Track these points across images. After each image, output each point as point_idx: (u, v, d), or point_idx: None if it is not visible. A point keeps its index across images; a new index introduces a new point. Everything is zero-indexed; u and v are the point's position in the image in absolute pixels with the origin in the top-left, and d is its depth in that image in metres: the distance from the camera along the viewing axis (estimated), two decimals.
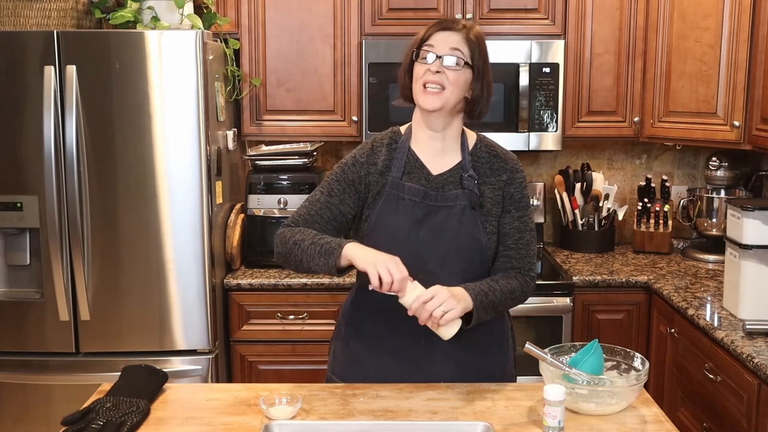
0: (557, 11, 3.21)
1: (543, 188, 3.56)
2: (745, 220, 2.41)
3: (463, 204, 1.89)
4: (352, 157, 1.96)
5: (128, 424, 1.67)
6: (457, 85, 1.85)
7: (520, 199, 1.94)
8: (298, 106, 3.27)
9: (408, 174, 1.91)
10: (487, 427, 1.69)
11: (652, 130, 3.25)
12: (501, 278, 1.90)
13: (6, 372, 2.82)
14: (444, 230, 1.88)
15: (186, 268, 2.78)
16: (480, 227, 1.89)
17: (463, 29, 1.87)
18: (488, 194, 1.91)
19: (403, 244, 1.86)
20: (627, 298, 3.04)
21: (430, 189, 1.90)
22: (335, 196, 1.92)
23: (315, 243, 1.82)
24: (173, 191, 2.75)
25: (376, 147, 1.96)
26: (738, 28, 2.88)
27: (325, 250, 1.79)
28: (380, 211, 1.91)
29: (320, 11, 3.21)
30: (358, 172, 1.93)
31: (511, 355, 2.05)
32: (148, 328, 2.80)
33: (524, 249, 1.94)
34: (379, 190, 1.91)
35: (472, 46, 1.86)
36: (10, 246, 2.81)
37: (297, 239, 1.86)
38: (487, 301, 1.82)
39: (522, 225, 1.94)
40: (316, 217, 1.92)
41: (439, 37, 1.85)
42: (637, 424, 1.71)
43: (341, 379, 1.99)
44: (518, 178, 1.95)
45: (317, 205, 1.93)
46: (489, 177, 1.93)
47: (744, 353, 2.17)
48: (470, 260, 1.90)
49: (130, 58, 2.68)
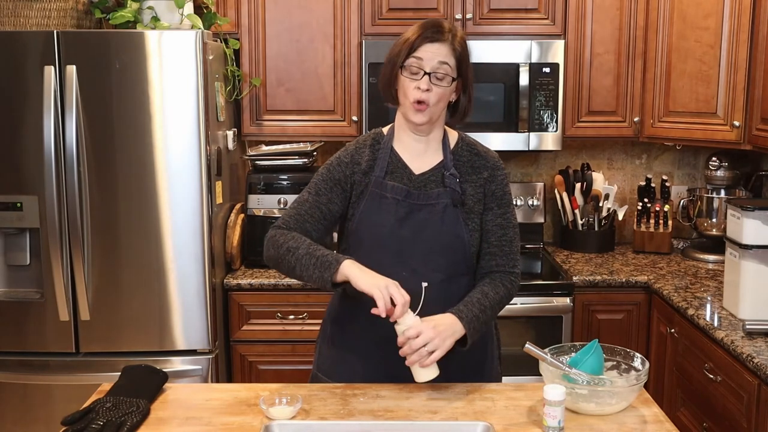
0: (557, 11, 3.21)
1: (543, 188, 3.56)
2: (745, 220, 2.41)
3: (445, 202, 1.91)
4: (337, 158, 1.98)
5: (128, 424, 1.67)
6: (442, 98, 1.88)
7: (502, 196, 1.97)
8: (298, 106, 3.27)
9: (391, 173, 1.94)
10: (487, 427, 1.69)
11: (652, 130, 3.25)
12: (490, 289, 1.91)
13: (6, 372, 2.82)
14: (426, 228, 1.90)
15: (186, 268, 2.78)
16: (462, 224, 1.92)
17: (449, 38, 1.86)
18: (470, 192, 1.94)
19: (386, 242, 1.90)
20: (627, 298, 3.04)
21: (413, 188, 1.92)
22: (323, 195, 1.94)
23: (310, 254, 1.82)
24: (173, 191, 2.75)
25: (359, 148, 1.98)
26: (738, 28, 2.88)
27: (321, 263, 1.80)
28: (364, 210, 1.93)
29: (320, 11, 3.21)
30: (344, 172, 1.95)
31: (496, 353, 2.07)
32: (148, 328, 2.80)
33: (507, 246, 1.96)
34: (362, 190, 1.94)
35: (458, 57, 1.87)
36: (10, 246, 2.81)
37: (291, 246, 1.86)
38: (479, 323, 1.85)
39: (504, 222, 1.96)
40: (306, 216, 1.93)
41: (428, 48, 1.85)
42: (637, 424, 1.71)
43: (328, 377, 2.01)
44: (499, 175, 1.98)
45: (306, 205, 1.94)
46: (470, 175, 1.95)
47: (744, 353, 2.17)
48: (453, 257, 1.92)
49: (130, 58, 2.68)
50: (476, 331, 1.84)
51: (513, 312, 2.96)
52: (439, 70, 1.84)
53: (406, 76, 1.87)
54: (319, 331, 2.12)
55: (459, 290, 1.93)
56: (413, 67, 1.85)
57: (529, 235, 3.53)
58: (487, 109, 3.19)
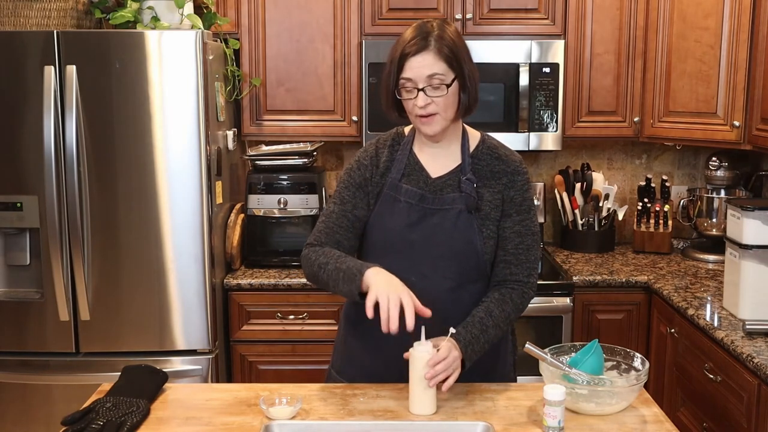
0: (557, 11, 3.21)
1: (543, 188, 3.56)
2: (745, 220, 2.41)
3: (460, 207, 1.87)
4: (357, 161, 1.96)
5: (128, 424, 1.67)
6: (448, 105, 1.82)
7: (521, 203, 1.91)
8: (298, 106, 3.27)
9: (407, 176, 1.91)
10: (487, 427, 1.69)
11: (652, 130, 3.25)
12: (495, 307, 1.86)
13: (6, 372, 2.82)
14: (437, 233, 1.87)
15: (186, 268, 2.78)
16: (476, 231, 1.88)
17: (432, 43, 1.79)
18: (487, 197, 1.89)
19: (396, 246, 1.88)
20: (627, 298, 3.04)
21: (428, 192, 1.89)
22: (348, 202, 1.92)
23: (338, 268, 1.79)
24: (173, 191, 2.75)
25: (379, 148, 1.95)
26: (738, 28, 2.88)
27: (347, 276, 1.76)
28: (376, 212, 1.91)
29: (320, 11, 3.21)
30: (364, 175, 1.92)
31: (510, 359, 2.04)
32: (148, 328, 2.80)
33: (524, 254, 1.91)
34: (378, 191, 1.92)
35: (447, 58, 1.79)
36: (10, 246, 2.81)
37: (321, 262, 1.84)
38: (479, 344, 1.81)
39: (523, 229, 1.91)
40: (335, 227, 1.91)
41: (413, 64, 1.78)
42: (637, 424, 1.71)
43: (338, 373, 2.01)
44: (519, 180, 1.92)
45: (333, 216, 1.92)
46: (489, 180, 1.90)
47: (744, 353, 2.17)
48: (464, 264, 1.89)
49: (130, 58, 2.68)
50: (474, 353, 1.80)
51: None
52: (431, 82, 1.79)
53: (403, 97, 1.84)
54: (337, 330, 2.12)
55: (471, 297, 1.90)
56: (406, 87, 1.82)
57: None
58: (487, 109, 3.19)
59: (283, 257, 3.18)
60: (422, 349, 1.72)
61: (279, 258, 3.17)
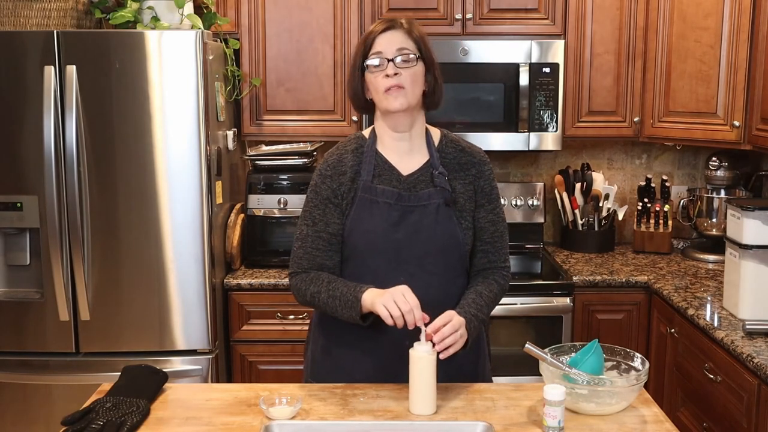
0: (557, 11, 3.21)
1: (543, 188, 3.56)
2: (745, 220, 2.41)
3: (437, 202, 1.90)
4: (319, 175, 1.95)
5: (128, 424, 1.67)
6: (416, 80, 1.87)
7: (490, 191, 1.97)
8: (298, 106, 3.27)
9: (378, 177, 1.91)
10: (487, 427, 1.69)
11: (652, 130, 3.25)
12: (483, 288, 1.92)
13: (6, 372, 2.82)
14: (421, 230, 1.88)
15: (186, 268, 2.78)
16: (456, 224, 1.91)
17: (400, 26, 1.88)
18: (460, 190, 1.93)
19: (381, 247, 1.88)
20: (627, 298, 3.04)
21: (403, 190, 1.90)
22: (319, 221, 1.91)
23: (332, 296, 1.83)
24: (173, 191, 2.75)
25: (341, 155, 1.95)
26: (738, 28, 2.88)
27: (344, 303, 1.81)
28: (354, 217, 1.90)
29: (320, 11, 3.21)
30: (330, 186, 1.92)
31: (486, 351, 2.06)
32: (148, 328, 2.80)
33: (499, 241, 1.97)
34: (352, 196, 1.91)
35: (416, 40, 1.87)
36: (10, 246, 2.81)
37: (313, 291, 1.87)
38: (477, 321, 1.85)
39: (495, 218, 1.97)
40: (313, 251, 1.91)
41: (382, 40, 1.86)
42: (637, 424, 1.71)
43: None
44: (486, 170, 1.97)
45: (309, 240, 1.92)
46: (458, 172, 1.94)
47: (744, 353, 2.17)
48: (449, 258, 1.91)
49: (130, 58, 2.68)
50: (474, 330, 1.83)
51: (513, 312, 2.97)
52: (401, 53, 1.84)
53: (371, 72, 1.86)
54: (307, 337, 2.11)
55: (458, 291, 1.93)
56: (375, 60, 1.85)
57: (529, 235, 3.53)
58: (487, 109, 3.19)
59: (283, 257, 3.17)
60: (422, 349, 1.72)
61: (279, 258, 3.17)
